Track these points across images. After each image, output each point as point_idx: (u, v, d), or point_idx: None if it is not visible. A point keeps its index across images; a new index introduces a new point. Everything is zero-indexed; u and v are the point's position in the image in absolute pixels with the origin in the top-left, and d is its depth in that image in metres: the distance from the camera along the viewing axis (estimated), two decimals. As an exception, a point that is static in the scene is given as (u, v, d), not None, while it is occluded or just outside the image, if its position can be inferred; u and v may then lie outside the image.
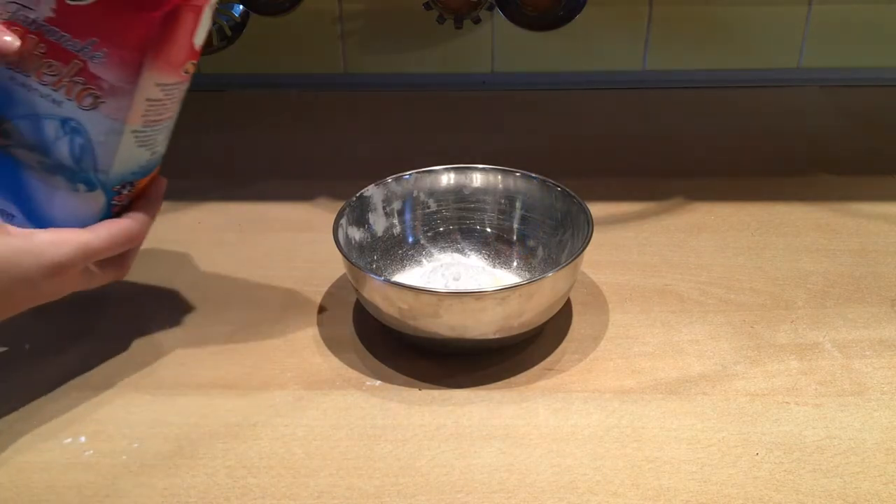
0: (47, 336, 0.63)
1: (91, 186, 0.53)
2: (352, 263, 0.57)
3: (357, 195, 0.65)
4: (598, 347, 0.60)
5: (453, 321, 0.55)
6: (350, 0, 0.98)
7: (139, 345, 0.61)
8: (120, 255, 0.56)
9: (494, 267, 0.67)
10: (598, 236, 0.62)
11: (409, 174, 0.68)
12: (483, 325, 0.55)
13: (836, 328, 0.62)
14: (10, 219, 0.54)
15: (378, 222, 0.66)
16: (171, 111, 0.54)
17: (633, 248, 0.72)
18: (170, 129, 0.56)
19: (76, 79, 0.50)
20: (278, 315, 0.64)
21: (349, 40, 1.00)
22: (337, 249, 0.59)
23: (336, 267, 0.68)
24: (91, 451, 0.52)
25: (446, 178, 0.68)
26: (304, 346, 0.61)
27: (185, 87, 0.54)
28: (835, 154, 0.87)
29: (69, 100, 0.51)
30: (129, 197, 0.56)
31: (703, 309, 0.64)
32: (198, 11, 0.50)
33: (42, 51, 0.50)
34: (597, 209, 0.65)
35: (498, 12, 0.83)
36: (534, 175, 0.67)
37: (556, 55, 1.01)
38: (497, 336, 0.57)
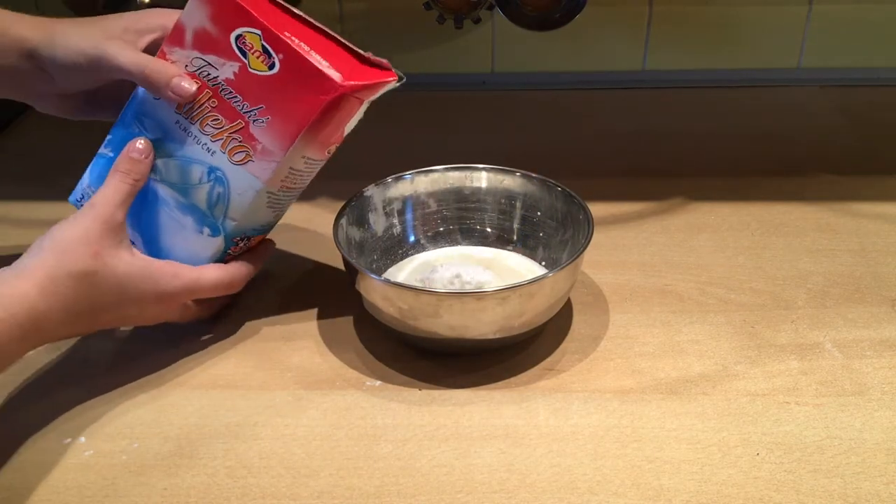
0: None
1: (215, 232, 0.59)
2: (352, 263, 0.57)
3: (357, 195, 0.65)
4: (598, 347, 0.60)
5: (453, 321, 0.55)
6: (350, 0, 0.98)
7: (139, 345, 0.61)
8: (212, 297, 0.60)
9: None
10: (598, 236, 0.62)
11: (409, 174, 0.68)
12: (483, 325, 0.55)
13: (836, 328, 0.61)
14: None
15: (378, 222, 0.66)
16: (305, 183, 0.60)
17: (633, 248, 0.72)
18: (296, 199, 0.62)
19: (235, 136, 0.56)
20: (278, 315, 0.64)
21: (349, 40, 1.00)
22: (337, 249, 0.59)
23: (336, 267, 0.68)
24: (91, 451, 0.52)
25: (446, 178, 0.68)
26: (304, 346, 0.61)
27: (322, 164, 0.60)
28: (835, 154, 0.87)
29: (222, 152, 0.56)
30: (242, 250, 0.61)
31: (703, 309, 0.64)
32: (359, 103, 0.56)
33: (213, 105, 0.56)
34: (597, 209, 0.65)
35: (498, 12, 0.83)
36: (534, 175, 0.67)
37: (556, 55, 1.01)
38: (497, 336, 0.57)
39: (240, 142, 0.56)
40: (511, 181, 0.68)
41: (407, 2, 0.88)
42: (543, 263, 0.66)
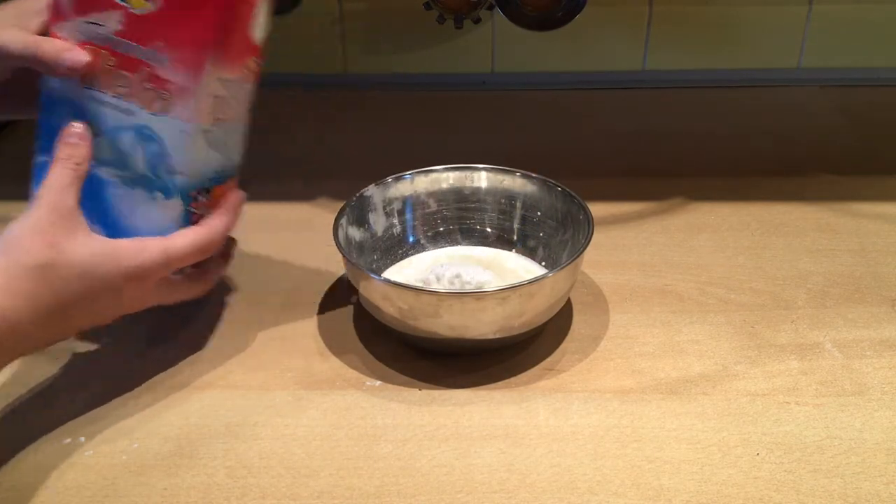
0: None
1: (168, 194, 0.55)
2: (352, 263, 0.57)
3: (357, 195, 0.65)
4: (598, 347, 0.60)
5: (453, 321, 0.55)
6: (350, 0, 0.98)
7: (138, 345, 0.61)
8: (203, 270, 0.57)
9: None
10: (598, 236, 0.62)
11: (409, 174, 0.68)
12: (483, 325, 0.55)
13: (836, 328, 0.61)
14: None
15: (378, 222, 0.66)
16: (236, 110, 0.56)
17: (633, 248, 0.72)
18: (241, 134, 0.58)
19: (145, 85, 0.53)
20: (278, 315, 0.64)
21: (349, 40, 1.00)
22: (337, 249, 0.59)
23: (336, 267, 0.68)
24: (91, 452, 0.52)
25: (446, 178, 0.68)
26: (304, 346, 0.61)
27: (249, 86, 0.56)
28: (835, 154, 0.87)
29: (140, 108, 0.54)
30: (206, 206, 0.57)
31: (703, 309, 0.64)
32: (251, 5, 0.53)
33: (112, 63, 0.53)
34: (597, 209, 0.65)
35: (498, 12, 0.83)
36: (534, 175, 0.67)
37: (556, 55, 1.01)
38: (497, 336, 0.57)
39: (152, 89, 0.53)
40: (511, 181, 0.68)
41: (407, 2, 0.88)
42: (543, 263, 0.66)
